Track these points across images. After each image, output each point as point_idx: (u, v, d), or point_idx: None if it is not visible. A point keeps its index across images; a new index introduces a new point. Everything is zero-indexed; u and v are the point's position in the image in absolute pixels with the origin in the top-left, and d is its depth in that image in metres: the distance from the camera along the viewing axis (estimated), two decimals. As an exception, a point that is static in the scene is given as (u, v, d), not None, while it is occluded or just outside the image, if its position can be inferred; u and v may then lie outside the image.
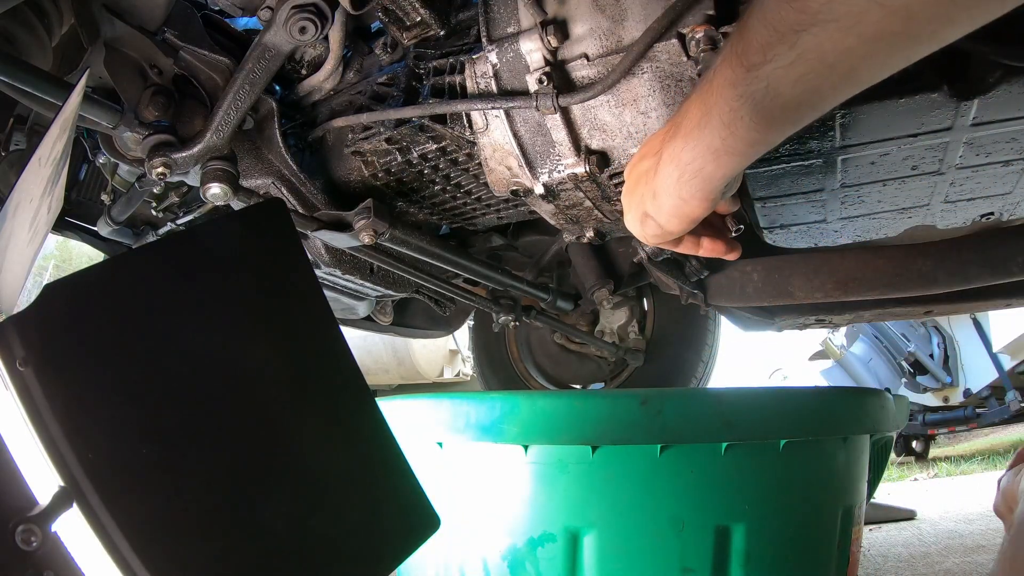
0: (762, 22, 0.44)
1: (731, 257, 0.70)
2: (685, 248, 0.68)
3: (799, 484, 1.01)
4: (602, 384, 2.19)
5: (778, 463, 0.97)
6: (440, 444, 1.03)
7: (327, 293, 1.27)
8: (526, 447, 0.95)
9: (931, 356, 4.88)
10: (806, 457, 1.00)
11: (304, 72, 1.02)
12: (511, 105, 0.79)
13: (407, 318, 1.91)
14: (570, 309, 1.60)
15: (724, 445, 0.93)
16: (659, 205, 0.59)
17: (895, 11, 0.38)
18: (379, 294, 1.35)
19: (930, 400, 4.93)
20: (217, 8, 0.98)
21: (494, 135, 0.84)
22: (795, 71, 0.44)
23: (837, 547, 1.05)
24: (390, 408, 1.07)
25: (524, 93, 0.78)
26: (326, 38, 0.95)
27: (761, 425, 0.96)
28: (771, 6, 0.43)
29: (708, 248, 0.68)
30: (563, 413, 0.95)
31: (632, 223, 0.65)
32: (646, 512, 0.94)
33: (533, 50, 0.76)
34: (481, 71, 0.81)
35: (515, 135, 0.82)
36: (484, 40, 0.80)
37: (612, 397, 1.01)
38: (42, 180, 0.58)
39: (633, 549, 0.93)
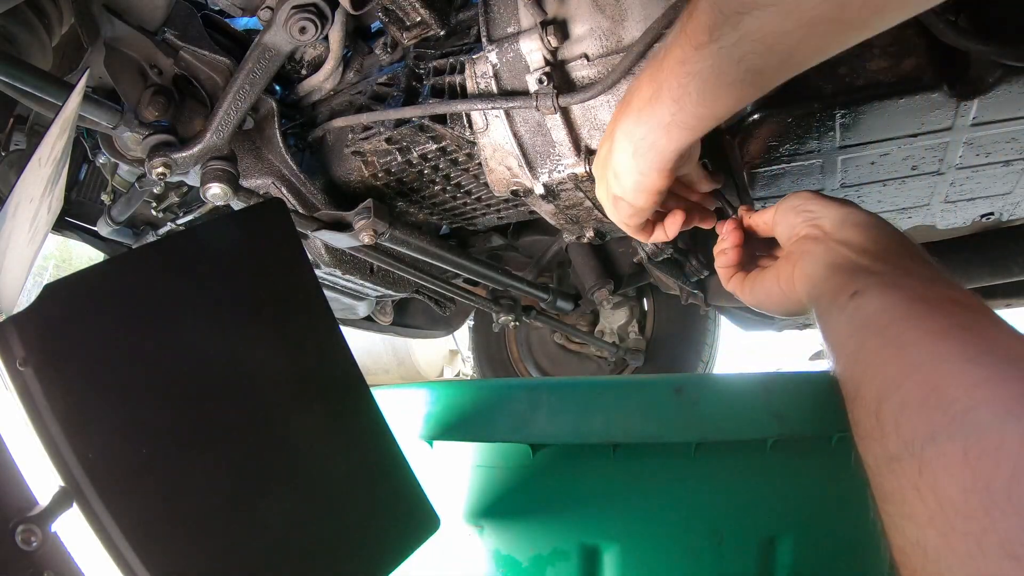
0: (710, 4, 0.46)
1: (705, 225, 0.71)
2: (662, 234, 0.69)
3: (855, 486, 0.82)
4: (602, 384, 2.18)
5: (831, 462, 0.81)
6: (430, 443, 0.89)
7: (327, 293, 1.27)
8: (532, 446, 0.82)
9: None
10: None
11: (304, 72, 1.02)
12: (511, 105, 0.79)
13: (407, 318, 1.91)
14: (570, 309, 1.60)
15: (771, 441, 0.79)
16: (622, 184, 0.61)
17: None
18: (379, 294, 1.35)
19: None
20: (217, 8, 0.98)
21: (494, 135, 0.84)
22: (737, 51, 0.46)
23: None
24: (381, 397, 0.92)
25: (524, 93, 0.78)
26: (326, 38, 0.95)
27: (815, 417, 0.79)
28: None
29: (672, 224, 0.68)
30: (578, 404, 0.81)
31: (608, 210, 0.66)
32: (677, 523, 0.80)
33: (533, 50, 0.76)
34: (481, 71, 0.81)
35: (515, 135, 0.82)
36: (484, 40, 0.80)
37: (638, 384, 0.86)
38: (42, 180, 0.57)
39: (661, 567, 0.79)
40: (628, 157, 0.58)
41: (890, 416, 0.38)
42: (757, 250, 0.69)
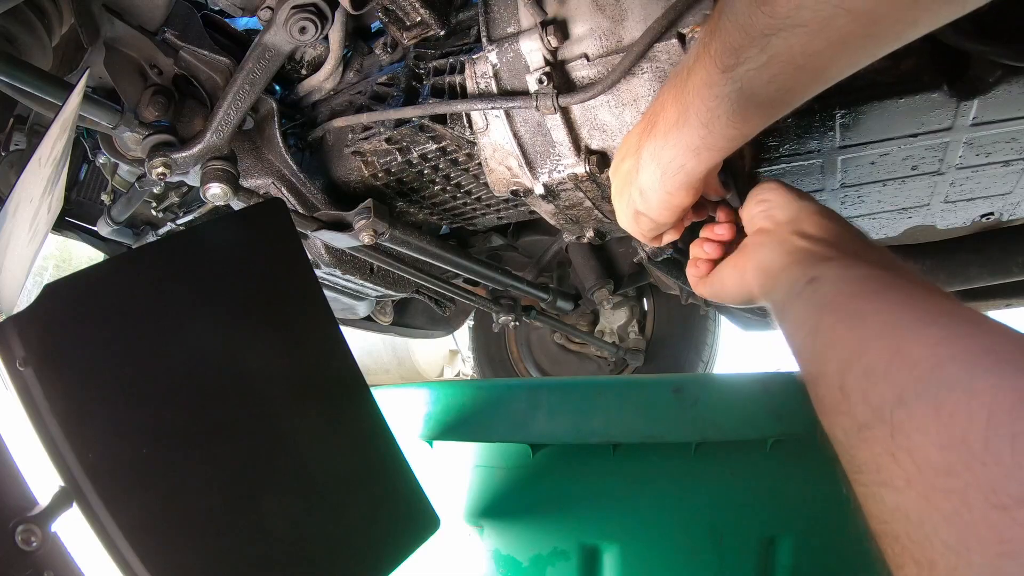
0: (734, 24, 0.45)
1: (700, 219, 0.70)
2: (673, 235, 0.69)
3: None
4: (602, 384, 2.17)
5: (831, 461, 0.84)
6: (430, 443, 0.90)
7: (327, 293, 1.27)
8: (532, 446, 0.82)
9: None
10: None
11: (304, 72, 1.02)
12: (511, 105, 0.79)
13: (407, 318, 1.91)
14: (570, 309, 1.60)
15: (771, 441, 0.79)
16: (647, 202, 0.61)
17: (859, 16, 0.40)
18: (379, 294, 1.35)
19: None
20: (217, 8, 0.98)
21: (494, 135, 0.84)
22: (767, 72, 0.45)
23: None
24: (381, 397, 0.92)
25: (524, 93, 0.78)
26: (326, 38, 0.95)
27: (815, 417, 0.77)
28: (741, 10, 0.44)
29: (679, 229, 0.69)
30: (578, 404, 0.80)
31: (626, 223, 0.66)
32: (677, 523, 0.79)
33: (533, 50, 0.76)
34: (481, 71, 0.81)
35: (515, 135, 0.82)
36: (484, 40, 0.80)
37: (638, 384, 0.86)
38: (42, 180, 0.58)
39: (661, 567, 0.79)
40: (656, 178, 0.57)
41: (855, 385, 0.37)
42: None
